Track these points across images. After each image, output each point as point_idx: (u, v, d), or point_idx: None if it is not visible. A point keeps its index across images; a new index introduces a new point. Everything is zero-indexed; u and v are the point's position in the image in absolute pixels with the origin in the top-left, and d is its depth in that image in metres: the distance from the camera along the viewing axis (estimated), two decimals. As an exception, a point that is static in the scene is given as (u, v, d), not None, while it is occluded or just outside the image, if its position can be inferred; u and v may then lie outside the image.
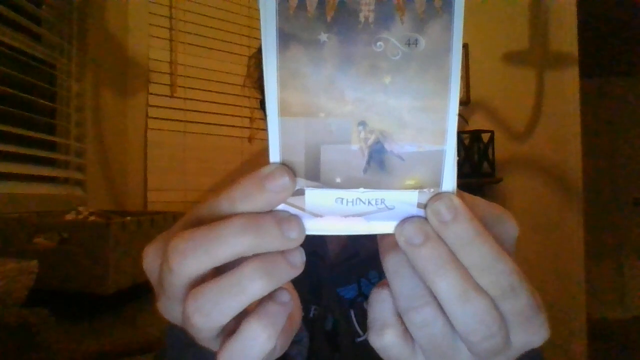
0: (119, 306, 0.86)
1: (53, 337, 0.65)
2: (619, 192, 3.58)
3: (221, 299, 0.19)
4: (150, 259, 0.23)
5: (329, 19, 0.19)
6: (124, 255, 0.86)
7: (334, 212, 0.21)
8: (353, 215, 0.21)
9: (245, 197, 0.20)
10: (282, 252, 0.20)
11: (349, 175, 0.20)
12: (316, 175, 0.20)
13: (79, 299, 0.83)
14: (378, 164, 0.20)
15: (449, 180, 0.21)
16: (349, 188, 0.20)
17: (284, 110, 0.20)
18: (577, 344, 2.09)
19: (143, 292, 0.90)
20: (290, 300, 0.21)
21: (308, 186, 0.20)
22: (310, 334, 0.50)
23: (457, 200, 0.20)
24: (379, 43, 0.19)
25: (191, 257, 0.19)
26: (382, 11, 0.19)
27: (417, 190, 0.21)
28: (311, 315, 0.52)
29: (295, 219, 0.20)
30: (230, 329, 0.21)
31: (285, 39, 0.19)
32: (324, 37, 0.19)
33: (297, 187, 0.20)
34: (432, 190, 0.21)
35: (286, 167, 0.20)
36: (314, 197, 0.20)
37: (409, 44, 0.19)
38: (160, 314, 0.23)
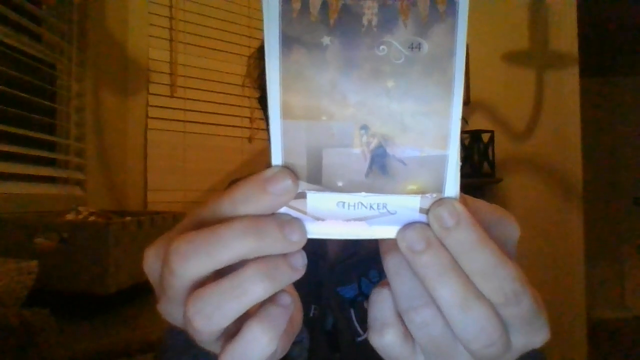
0: (119, 306, 0.86)
1: (53, 337, 0.65)
2: (619, 192, 3.58)
3: (222, 301, 0.19)
4: (151, 261, 0.22)
5: (331, 22, 0.19)
6: (124, 255, 0.86)
7: (336, 216, 0.21)
8: (355, 220, 0.21)
9: (247, 200, 0.20)
10: (284, 255, 0.20)
11: (351, 179, 0.20)
12: (318, 179, 0.20)
13: (79, 299, 0.83)
14: (380, 168, 0.20)
15: (452, 186, 0.21)
16: (351, 192, 0.20)
17: (286, 113, 0.19)
18: (577, 344, 2.09)
19: (143, 292, 0.90)
20: (291, 303, 0.21)
21: (310, 189, 0.20)
22: (310, 333, 0.49)
23: (459, 206, 0.20)
24: (382, 47, 0.19)
25: (192, 259, 0.19)
26: (386, 15, 0.19)
27: (420, 196, 0.20)
28: (311, 314, 0.52)
29: (297, 222, 0.20)
30: (232, 332, 0.21)
31: (288, 42, 0.19)
32: (326, 40, 0.19)
33: (299, 190, 0.20)
34: (434, 195, 0.20)
35: (288, 169, 0.20)
36: (316, 200, 0.20)
37: (412, 48, 0.19)
38: (160, 315, 0.23)
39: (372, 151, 0.20)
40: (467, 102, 2.15)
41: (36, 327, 0.64)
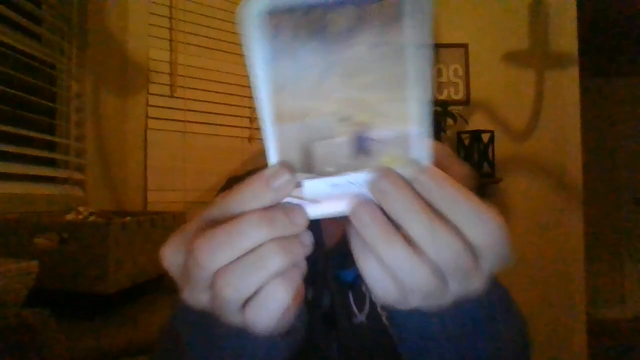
0: (119, 306, 0.86)
1: (53, 337, 0.65)
2: (619, 192, 3.58)
3: (247, 273, 0.23)
4: (171, 258, 0.26)
5: (309, 32, 0.22)
6: (124, 255, 0.86)
7: (330, 197, 0.24)
8: (346, 197, 0.24)
9: (254, 197, 0.23)
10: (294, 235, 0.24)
11: (339, 163, 0.24)
12: (311, 168, 0.24)
13: (79, 299, 0.83)
14: (361, 150, 0.24)
15: (421, 155, 0.24)
16: (340, 174, 0.24)
17: (277, 117, 0.23)
18: (577, 343, 2.09)
19: (143, 292, 0.90)
20: (304, 263, 0.25)
21: (305, 178, 0.24)
22: (307, 315, 0.51)
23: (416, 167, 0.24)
24: (354, 48, 0.23)
25: (218, 252, 0.23)
26: (354, 20, 0.22)
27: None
28: (309, 297, 0.54)
29: (299, 208, 0.24)
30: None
31: (273, 54, 0.22)
32: (307, 48, 0.22)
33: (293, 181, 0.24)
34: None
35: (286, 165, 0.23)
36: (311, 186, 0.24)
37: (377, 47, 0.23)
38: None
39: (354, 137, 0.24)
40: (467, 102, 2.15)
41: (36, 327, 0.64)
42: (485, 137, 2.03)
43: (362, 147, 0.23)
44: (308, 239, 0.25)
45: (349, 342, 0.52)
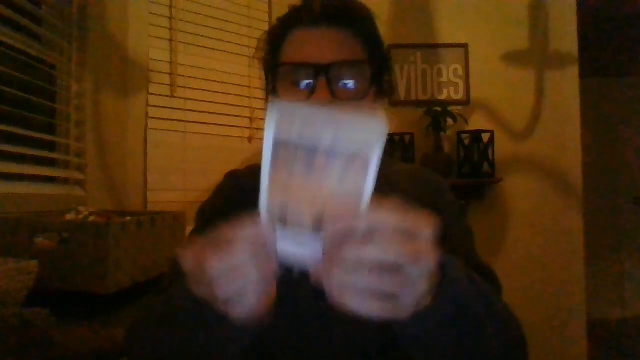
0: (119, 306, 0.86)
1: (53, 337, 0.66)
2: (619, 192, 3.58)
3: (233, 281, 0.35)
4: (186, 259, 0.37)
5: (304, 148, 0.35)
6: (124, 255, 0.86)
7: (294, 243, 0.36)
8: (305, 246, 0.36)
9: (246, 233, 0.35)
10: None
11: (305, 225, 0.36)
12: (286, 222, 0.36)
13: (79, 298, 0.83)
14: (320, 226, 0.35)
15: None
16: (303, 231, 0.36)
17: (272, 182, 0.36)
18: (577, 344, 2.09)
19: (143, 292, 0.90)
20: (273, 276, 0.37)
21: (279, 228, 0.36)
22: (296, 290, 0.59)
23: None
24: (329, 165, 0.35)
25: (217, 266, 0.34)
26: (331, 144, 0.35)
27: None
28: (295, 277, 0.57)
29: (273, 245, 0.36)
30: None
31: (277, 152, 0.36)
32: (298, 161, 0.36)
33: (273, 229, 0.36)
34: None
35: (271, 223, 0.36)
36: (283, 234, 0.36)
37: (346, 162, 0.35)
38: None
39: (317, 213, 0.35)
40: (467, 102, 2.15)
41: (36, 327, 0.64)
42: (485, 137, 2.02)
43: (320, 223, 0.35)
44: (276, 263, 0.36)
45: (338, 314, 0.54)
